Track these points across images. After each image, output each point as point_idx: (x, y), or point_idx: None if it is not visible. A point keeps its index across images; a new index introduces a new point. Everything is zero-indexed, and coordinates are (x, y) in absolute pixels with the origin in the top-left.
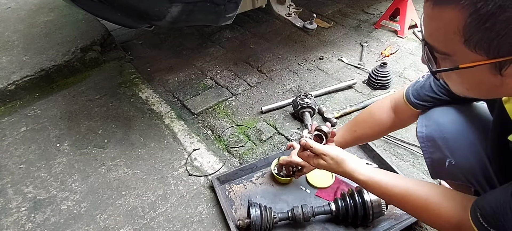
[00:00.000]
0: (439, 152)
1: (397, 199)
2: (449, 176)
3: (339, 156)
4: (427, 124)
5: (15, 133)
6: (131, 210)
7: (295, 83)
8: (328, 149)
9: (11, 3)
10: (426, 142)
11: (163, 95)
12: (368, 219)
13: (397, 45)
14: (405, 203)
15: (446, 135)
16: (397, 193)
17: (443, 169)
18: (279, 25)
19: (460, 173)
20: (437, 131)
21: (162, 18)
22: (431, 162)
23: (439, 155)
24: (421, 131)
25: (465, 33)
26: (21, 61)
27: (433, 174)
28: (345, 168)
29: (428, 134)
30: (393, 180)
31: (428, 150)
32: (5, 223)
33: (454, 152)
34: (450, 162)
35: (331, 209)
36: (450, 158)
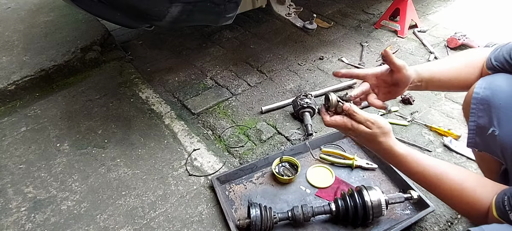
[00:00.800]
0: (488, 117)
1: (432, 181)
2: (485, 147)
3: (387, 126)
4: (487, 87)
5: (15, 133)
6: (131, 210)
7: (295, 83)
8: (375, 117)
9: (11, 3)
10: (478, 105)
11: (163, 95)
12: (368, 219)
13: (397, 45)
14: (440, 185)
15: (501, 103)
16: (434, 174)
17: (483, 137)
18: (279, 25)
19: (499, 146)
20: (494, 96)
21: (162, 18)
22: (475, 126)
23: (486, 120)
24: (477, 92)
25: None
26: (21, 61)
27: (472, 140)
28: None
29: (484, 97)
30: (431, 161)
31: (477, 113)
32: (5, 223)
33: (502, 123)
34: (493, 131)
35: (331, 209)
36: (496, 127)
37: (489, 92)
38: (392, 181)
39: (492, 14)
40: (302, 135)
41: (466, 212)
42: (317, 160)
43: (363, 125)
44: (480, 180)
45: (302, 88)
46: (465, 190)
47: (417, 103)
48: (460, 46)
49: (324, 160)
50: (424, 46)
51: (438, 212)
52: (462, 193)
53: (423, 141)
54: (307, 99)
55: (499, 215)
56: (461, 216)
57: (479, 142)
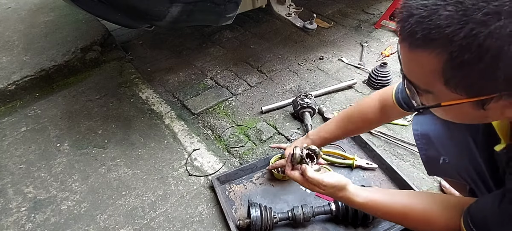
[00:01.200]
0: (434, 149)
1: (398, 218)
2: (444, 174)
3: (340, 183)
4: (423, 122)
5: (15, 133)
6: (131, 210)
7: (295, 83)
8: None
9: (11, 3)
10: (421, 139)
11: (163, 96)
12: (368, 219)
13: (397, 45)
14: (406, 220)
15: (441, 133)
16: (397, 212)
17: (437, 166)
18: (279, 25)
19: (454, 171)
20: (432, 129)
21: (162, 18)
22: (426, 159)
23: (433, 152)
24: (416, 128)
25: (444, 76)
26: (21, 61)
27: (429, 171)
28: (345, 193)
29: (423, 132)
30: (391, 198)
31: (423, 147)
32: (5, 223)
33: (448, 150)
34: (444, 160)
35: (331, 209)
36: (444, 156)
37: (426, 127)
38: (392, 181)
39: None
40: (302, 135)
41: None
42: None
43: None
44: (443, 202)
45: (302, 88)
46: (432, 218)
47: None
48: None
49: (324, 160)
50: None
51: None
52: (429, 223)
53: None
54: (307, 99)
55: None
56: None
57: (436, 171)
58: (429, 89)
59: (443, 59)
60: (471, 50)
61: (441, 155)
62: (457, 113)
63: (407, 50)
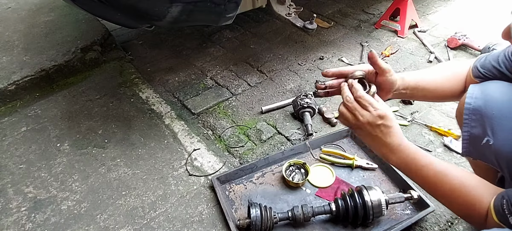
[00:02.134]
0: (481, 127)
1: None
2: (481, 155)
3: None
4: (478, 96)
5: (16, 133)
6: (131, 210)
7: (295, 83)
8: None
9: (11, 3)
10: (471, 115)
11: (163, 95)
12: (368, 219)
13: (397, 45)
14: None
15: (494, 112)
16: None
17: (478, 147)
18: (279, 25)
19: (494, 155)
20: (487, 106)
21: (162, 18)
22: (468, 136)
23: (479, 130)
24: (469, 102)
25: None
26: (21, 61)
27: (465, 150)
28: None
29: (476, 107)
30: (431, 158)
31: (470, 124)
32: (6, 223)
33: (496, 132)
34: (487, 141)
35: (331, 209)
36: (490, 137)
37: (481, 102)
38: (392, 181)
39: (492, 14)
40: (302, 135)
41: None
42: (317, 159)
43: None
44: (481, 180)
45: (302, 88)
46: (466, 188)
47: (417, 103)
48: (460, 46)
49: (324, 160)
50: (424, 46)
51: (438, 212)
52: (461, 193)
53: (423, 141)
54: (307, 99)
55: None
56: None
57: (473, 151)
58: None
59: None
60: None
61: (487, 135)
62: None
63: None
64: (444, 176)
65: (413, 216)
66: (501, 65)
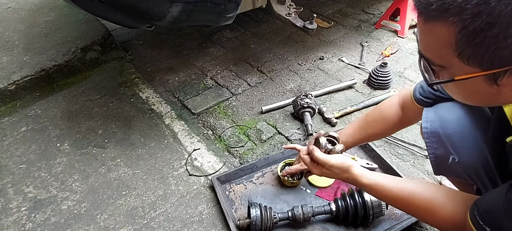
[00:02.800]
0: (443, 148)
1: (402, 203)
2: (452, 173)
3: (345, 164)
4: (433, 119)
5: (16, 132)
6: (131, 210)
7: (295, 83)
8: (333, 159)
9: (11, 3)
10: (431, 138)
11: (163, 95)
12: (368, 219)
13: (397, 45)
14: (409, 206)
15: (450, 131)
16: (402, 196)
17: (446, 166)
18: (279, 25)
19: (463, 170)
20: (442, 127)
21: (163, 18)
22: (434, 158)
23: (443, 151)
24: (426, 126)
25: (457, 48)
26: (21, 61)
27: (436, 170)
28: (350, 174)
29: (433, 130)
30: (397, 183)
31: (432, 146)
32: (6, 223)
33: (458, 149)
34: (453, 159)
35: (331, 209)
36: (454, 155)
37: (436, 124)
38: None
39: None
40: (302, 135)
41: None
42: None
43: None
44: (449, 193)
45: (302, 88)
46: (435, 207)
47: None
48: None
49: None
50: None
51: None
52: (431, 211)
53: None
54: (307, 99)
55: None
56: None
57: (443, 170)
58: (443, 64)
59: (457, 29)
60: (482, 16)
61: (451, 154)
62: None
63: (422, 24)
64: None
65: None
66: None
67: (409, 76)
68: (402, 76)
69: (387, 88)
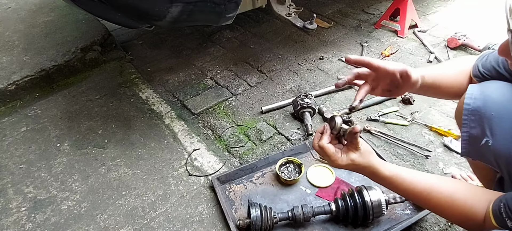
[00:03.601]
0: (480, 128)
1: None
2: (480, 156)
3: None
4: (477, 97)
5: (16, 133)
6: (131, 210)
7: (295, 83)
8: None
9: (11, 3)
10: (470, 116)
11: (163, 95)
12: (368, 219)
13: (397, 45)
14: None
15: (493, 113)
16: (422, 190)
17: (476, 147)
18: (279, 25)
19: (493, 155)
20: (486, 106)
21: (163, 18)
22: (468, 137)
23: (478, 131)
24: (468, 102)
25: None
26: (21, 61)
27: (465, 151)
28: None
29: (475, 107)
30: (417, 177)
31: (469, 124)
32: (5, 223)
33: (495, 133)
34: (487, 142)
35: (331, 209)
36: (489, 137)
37: (480, 103)
38: None
39: (492, 14)
40: (302, 135)
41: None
42: (317, 159)
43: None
44: (470, 189)
45: (302, 88)
46: (456, 202)
47: (417, 103)
48: (460, 46)
49: (324, 160)
50: (424, 46)
51: None
52: (452, 205)
53: (423, 141)
54: (307, 99)
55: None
56: None
57: (472, 151)
58: None
59: None
60: None
61: (486, 136)
62: None
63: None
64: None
65: (413, 216)
66: (500, 66)
67: None
68: None
69: None
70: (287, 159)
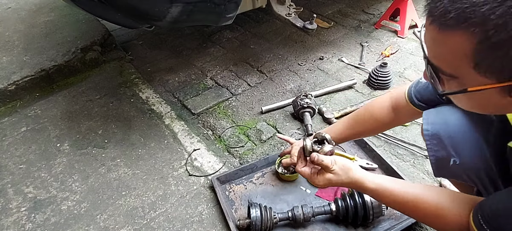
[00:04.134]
0: (444, 150)
1: (407, 208)
2: (453, 175)
3: (346, 165)
4: (434, 122)
5: (16, 133)
6: (131, 210)
7: (295, 84)
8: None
9: (11, 3)
10: (432, 140)
11: (163, 96)
12: (368, 219)
13: (397, 45)
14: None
15: (452, 134)
16: (408, 201)
17: (447, 168)
18: (279, 25)
19: (463, 172)
20: (443, 129)
21: (162, 19)
22: (435, 160)
23: (444, 153)
24: (427, 128)
25: (474, 59)
26: (21, 61)
27: (437, 172)
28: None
29: (434, 132)
30: (402, 188)
31: (433, 148)
32: (5, 223)
33: (459, 151)
34: (454, 161)
35: (331, 209)
36: (455, 157)
37: (438, 127)
38: None
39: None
40: (302, 135)
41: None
42: None
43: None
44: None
45: (302, 88)
46: (441, 211)
47: None
48: None
49: None
50: None
51: None
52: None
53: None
54: (307, 99)
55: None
56: None
57: (444, 172)
58: (455, 74)
59: (476, 40)
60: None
61: (452, 156)
62: (481, 101)
63: (436, 32)
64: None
65: None
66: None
67: (409, 76)
68: (402, 76)
69: (387, 88)
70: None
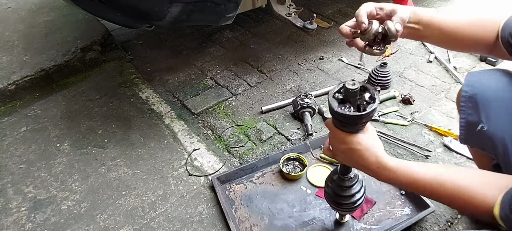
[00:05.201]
0: (476, 114)
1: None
2: (476, 142)
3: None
4: (475, 85)
5: (15, 132)
6: (131, 210)
7: (295, 83)
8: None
9: (11, 3)
10: (467, 103)
11: (163, 95)
12: None
13: (397, 45)
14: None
15: (489, 99)
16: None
17: (473, 133)
18: (279, 25)
19: (488, 141)
20: (482, 93)
21: (162, 18)
22: (465, 124)
23: (475, 117)
24: (466, 90)
25: None
26: (21, 61)
27: (464, 138)
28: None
29: (472, 95)
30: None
31: (466, 111)
32: (5, 223)
33: (490, 117)
34: (482, 127)
35: None
36: (484, 123)
37: (477, 91)
38: None
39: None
40: (302, 135)
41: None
42: (317, 159)
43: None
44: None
45: (302, 88)
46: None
47: (417, 103)
48: None
49: (324, 160)
50: (424, 46)
51: (438, 212)
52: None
53: (423, 141)
54: (307, 99)
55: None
56: (461, 216)
57: (469, 138)
58: None
59: None
60: None
61: (481, 122)
62: None
63: None
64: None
65: (413, 216)
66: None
67: (409, 76)
68: (402, 76)
69: (387, 88)
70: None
